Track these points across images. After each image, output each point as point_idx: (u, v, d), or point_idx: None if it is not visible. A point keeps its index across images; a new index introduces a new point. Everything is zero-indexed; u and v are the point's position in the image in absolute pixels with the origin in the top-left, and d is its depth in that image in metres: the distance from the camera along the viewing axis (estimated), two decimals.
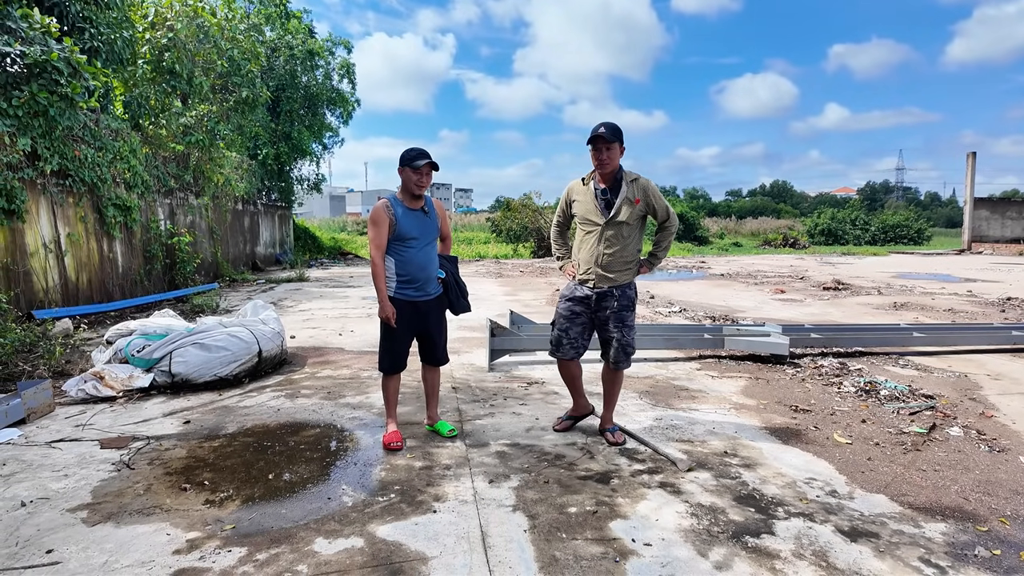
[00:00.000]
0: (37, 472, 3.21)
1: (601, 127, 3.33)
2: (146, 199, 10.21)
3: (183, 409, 4.29)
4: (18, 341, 5.59)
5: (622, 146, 3.41)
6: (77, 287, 8.21)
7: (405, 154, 3.51)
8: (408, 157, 3.49)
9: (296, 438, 3.73)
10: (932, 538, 2.55)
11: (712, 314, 8.48)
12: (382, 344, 3.62)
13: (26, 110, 6.91)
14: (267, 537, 2.54)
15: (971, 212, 25.11)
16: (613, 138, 3.34)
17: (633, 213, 3.43)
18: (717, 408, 4.29)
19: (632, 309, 3.54)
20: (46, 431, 3.83)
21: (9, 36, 6.84)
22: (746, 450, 3.50)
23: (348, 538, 2.53)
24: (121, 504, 2.84)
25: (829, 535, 2.56)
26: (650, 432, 3.78)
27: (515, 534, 2.55)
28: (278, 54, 19.36)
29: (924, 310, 8.90)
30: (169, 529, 2.61)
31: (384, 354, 3.62)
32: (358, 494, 2.94)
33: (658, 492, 2.95)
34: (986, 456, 3.44)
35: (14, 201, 6.83)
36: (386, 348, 3.61)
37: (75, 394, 4.45)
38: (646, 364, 5.55)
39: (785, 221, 39.58)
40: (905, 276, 14.42)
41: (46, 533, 2.58)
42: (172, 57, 11.35)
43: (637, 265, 3.55)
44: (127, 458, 3.38)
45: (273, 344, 5.28)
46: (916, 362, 5.64)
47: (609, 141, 3.33)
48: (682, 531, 2.58)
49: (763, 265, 18.12)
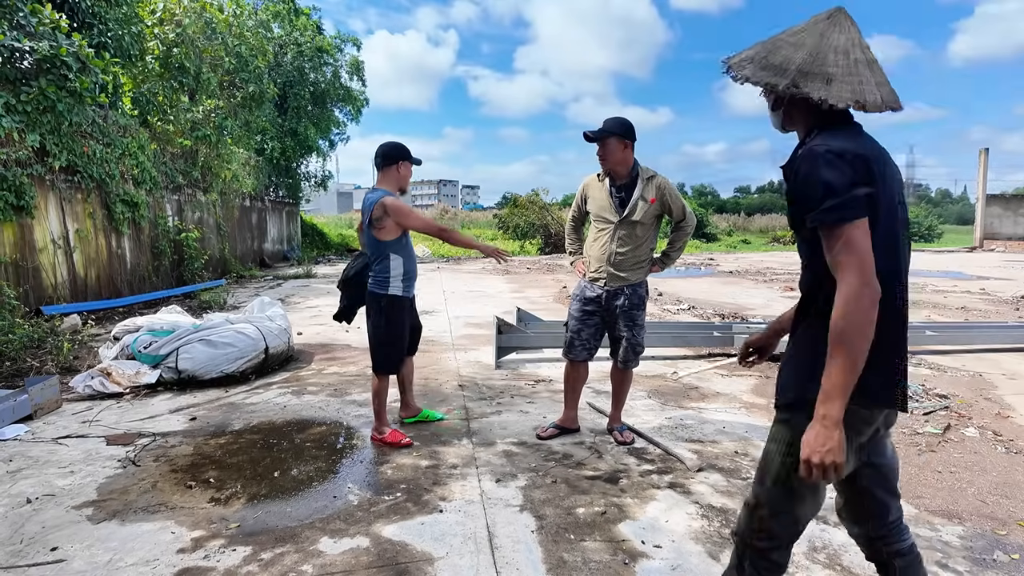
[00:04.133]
0: (43, 468, 3.20)
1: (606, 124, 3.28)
2: (154, 195, 10.23)
3: (189, 406, 4.28)
4: (26, 337, 5.61)
5: (627, 140, 3.26)
6: (86, 283, 8.24)
7: (404, 148, 3.48)
8: (406, 151, 3.47)
9: (302, 435, 3.71)
10: (949, 542, 2.49)
11: (721, 312, 8.41)
12: (391, 346, 3.49)
13: (35, 106, 6.92)
14: (272, 536, 2.52)
15: (983, 209, 24.80)
16: (603, 133, 3.23)
17: (648, 212, 3.34)
18: (727, 407, 4.23)
19: (642, 308, 3.48)
20: (53, 427, 3.83)
21: (19, 32, 6.85)
22: (757, 450, 3.45)
23: (354, 538, 2.50)
24: (126, 501, 2.83)
25: (843, 538, 2.50)
26: (659, 431, 3.74)
27: (522, 535, 2.51)
28: (286, 50, 19.36)
29: (936, 308, 8.79)
30: (174, 527, 2.59)
31: (391, 354, 3.52)
32: (364, 493, 2.91)
33: (668, 493, 2.90)
34: (1003, 458, 3.37)
35: (23, 197, 6.84)
36: (397, 348, 3.53)
37: (82, 390, 4.45)
38: (655, 362, 5.49)
39: None
40: (916, 273, 14.26)
41: (51, 530, 2.57)
42: (181, 53, 11.36)
43: (649, 264, 3.48)
44: (133, 455, 3.37)
45: (280, 341, 5.26)
46: (929, 361, 5.56)
47: (600, 136, 3.24)
48: (693, 533, 2.53)
49: (772, 262, 17.98)
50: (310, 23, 20.59)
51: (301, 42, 19.45)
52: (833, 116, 1.41)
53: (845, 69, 1.35)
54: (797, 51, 1.38)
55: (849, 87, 1.33)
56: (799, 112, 1.45)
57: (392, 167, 3.44)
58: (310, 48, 19.60)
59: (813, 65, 1.35)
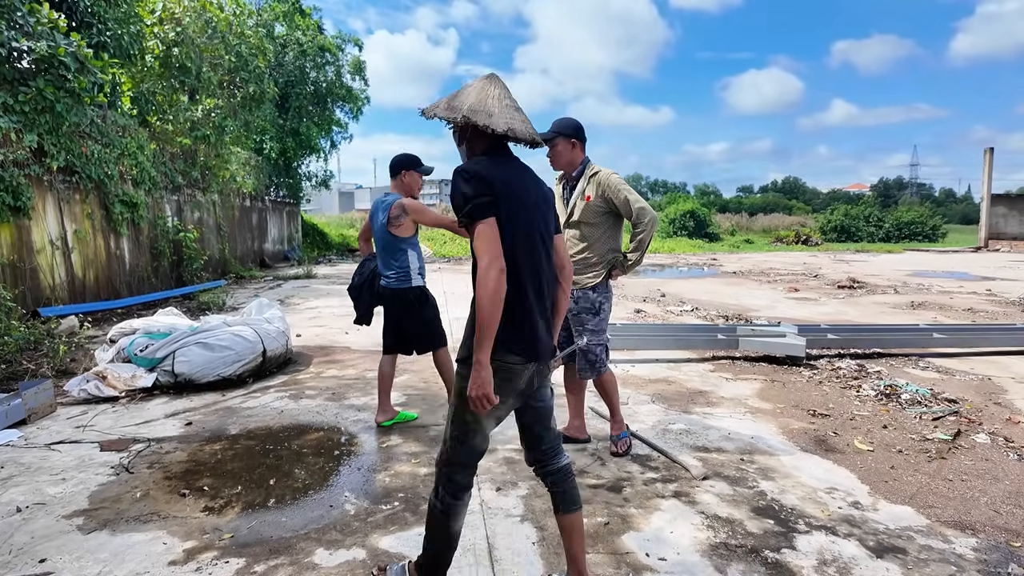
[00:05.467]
0: (35, 476, 3.14)
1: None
2: (153, 196, 10.18)
3: (185, 410, 4.22)
4: (22, 339, 5.55)
5: (573, 140, 3.20)
6: (84, 284, 8.19)
7: (411, 158, 3.75)
8: (416, 161, 3.76)
9: (299, 441, 3.64)
10: (963, 554, 2.41)
11: (725, 313, 8.33)
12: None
13: (33, 106, 6.87)
14: (266, 548, 2.45)
15: (988, 209, 24.66)
16: (549, 134, 3.17)
17: (588, 210, 3.23)
18: (732, 412, 4.16)
19: (594, 314, 3.27)
20: (46, 432, 3.77)
21: (16, 31, 6.80)
22: (763, 457, 3.38)
23: (350, 549, 2.43)
24: (118, 511, 2.76)
25: (853, 550, 2.43)
26: (663, 437, 3.66)
27: (523, 547, 2.44)
28: (287, 50, 19.30)
29: (943, 309, 8.70)
30: (166, 538, 2.53)
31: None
32: (361, 502, 2.85)
33: (672, 502, 2.83)
34: (1016, 465, 3.29)
35: (20, 198, 6.79)
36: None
37: (77, 394, 4.39)
38: (658, 365, 5.42)
39: (797, 218, 39.02)
40: (921, 274, 14.16)
41: (40, 541, 2.50)
42: (182, 52, 11.29)
43: (606, 267, 3.28)
44: (126, 461, 3.31)
45: (278, 343, 5.20)
46: (937, 364, 5.47)
47: (549, 139, 3.16)
48: (698, 545, 2.46)
49: (776, 262, 17.89)
50: (312, 23, 20.53)
51: (303, 41, 19.38)
52: (496, 147, 1.95)
53: (501, 109, 1.90)
54: (468, 97, 1.92)
55: (504, 120, 1.87)
56: (477, 144, 1.96)
57: (397, 177, 3.75)
58: (311, 47, 19.53)
59: (479, 104, 1.89)
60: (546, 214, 2.01)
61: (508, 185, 1.87)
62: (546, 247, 1.99)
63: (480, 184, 1.80)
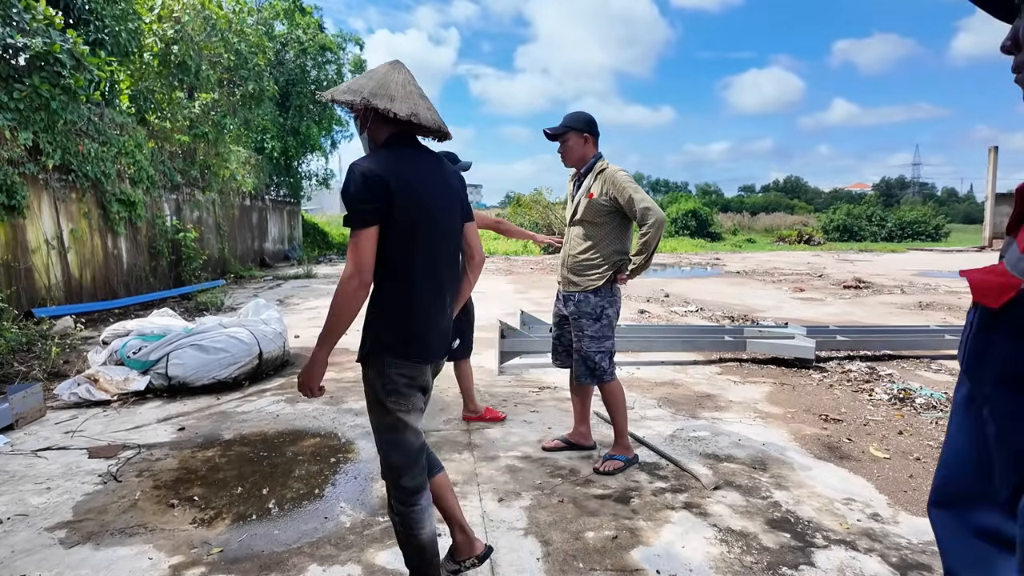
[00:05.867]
0: (19, 484, 3.02)
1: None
2: (151, 194, 10.06)
3: (179, 414, 4.10)
4: (14, 341, 5.43)
5: (585, 135, 3.08)
6: (80, 284, 8.07)
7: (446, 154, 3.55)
8: (452, 157, 3.56)
9: (294, 448, 3.52)
10: None
11: (730, 314, 8.20)
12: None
13: (28, 104, 6.75)
14: (256, 563, 2.33)
15: (992, 208, 24.50)
16: (560, 129, 3.07)
17: (592, 209, 3.07)
18: (742, 417, 4.03)
19: (594, 319, 3.08)
20: (34, 438, 3.65)
21: (11, 28, 6.68)
22: (776, 465, 3.25)
23: (344, 565, 2.31)
24: (103, 522, 2.64)
25: (875, 567, 2.30)
26: (671, 443, 3.54)
27: (527, 563, 2.32)
28: (288, 48, 19.19)
29: (952, 310, 8.56)
30: (152, 552, 2.41)
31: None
32: (357, 513, 2.72)
33: (683, 514, 2.70)
34: None
35: (14, 197, 6.66)
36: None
37: (67, 398, 4.27)
38: (664, 368, 5.29)
39: (799, 217, 38.86)
40: (927, 274, 14.02)
41: (20, 555, 2.38)
42: (181, 50, 11.18)
43: (610, 270, 3.08)
44: (115, 469, 3.19)
45: (275, 345, 5.08)
46: (949, 366, 5.34)
47: (561, 133, 3.08)
48: (712, 561, 2.33)
49: (779, 262, 17.74)
50: (312, 21, 20.40)
51: (303, 40, 19.26)
52: (401, 137, 1.86)
53: (403, 94, 1.81)
54: (370, 81, 1.83)
55: (407, 105, 1.79)
56: (379, 131, 1.86)
57: None
58: (312, 46, 19.41)
59: (380, 88, 1.80)
60: (451, 207, 1.94)
61: (408, 183, 1.78)
62: (449, 243, 1.94)
63: (371, 186, 1.71)
